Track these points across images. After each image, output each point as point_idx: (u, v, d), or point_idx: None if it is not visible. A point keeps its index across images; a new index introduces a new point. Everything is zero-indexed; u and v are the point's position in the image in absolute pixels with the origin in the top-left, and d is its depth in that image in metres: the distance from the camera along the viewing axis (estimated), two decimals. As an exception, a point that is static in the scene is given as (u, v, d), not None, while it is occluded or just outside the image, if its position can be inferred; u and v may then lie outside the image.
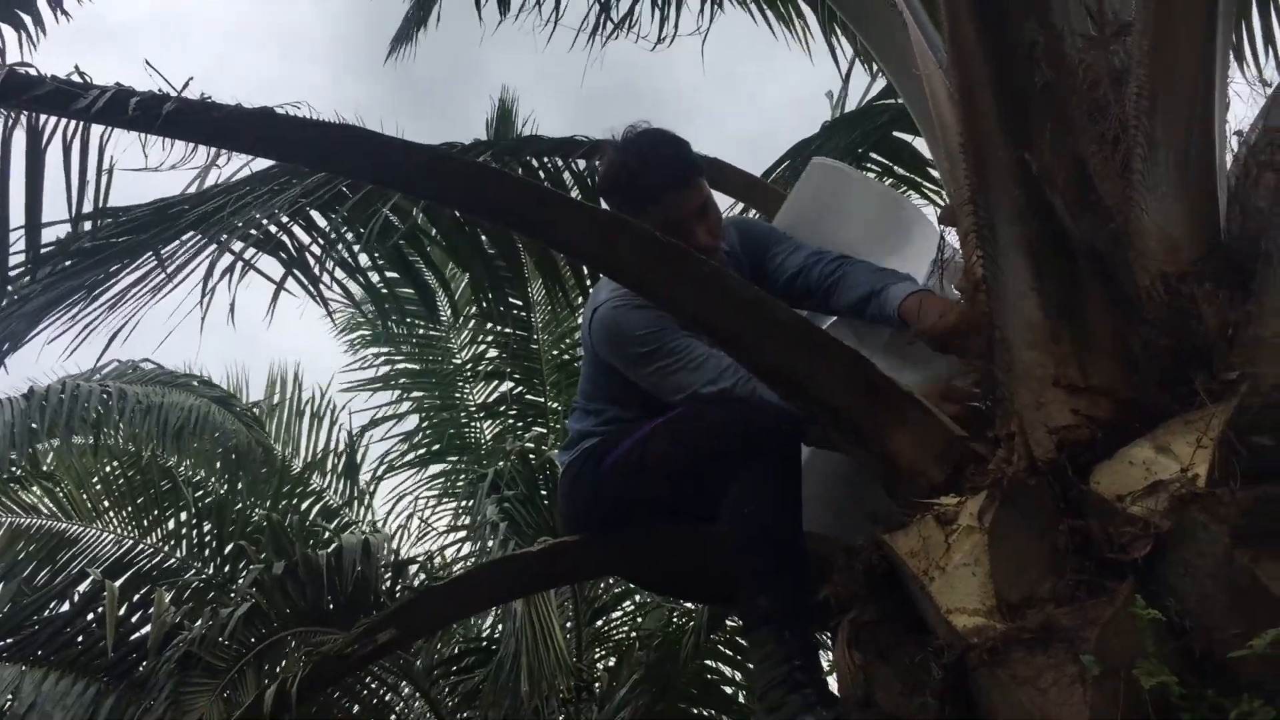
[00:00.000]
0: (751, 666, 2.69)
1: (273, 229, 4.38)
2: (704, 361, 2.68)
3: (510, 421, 8.67)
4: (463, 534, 7.35)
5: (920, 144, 4.90)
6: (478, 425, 8.66)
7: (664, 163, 2.77)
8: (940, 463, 2.30)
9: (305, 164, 2.60)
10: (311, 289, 4.46)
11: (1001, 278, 2.23)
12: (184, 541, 6.73)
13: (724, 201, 3.89)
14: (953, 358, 2.59)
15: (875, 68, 4.76)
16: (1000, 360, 2.25)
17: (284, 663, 4.93)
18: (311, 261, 4.48)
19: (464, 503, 8.24)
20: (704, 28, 4.23)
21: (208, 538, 6.77)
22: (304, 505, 7.87)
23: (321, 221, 4.43)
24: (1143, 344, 2.10)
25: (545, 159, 4.03)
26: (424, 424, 8.55)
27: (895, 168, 5.11)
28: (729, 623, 5.20)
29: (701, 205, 2.78)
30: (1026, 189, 2.14)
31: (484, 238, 4.53)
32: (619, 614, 8.01)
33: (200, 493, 7.17)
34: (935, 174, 5.06)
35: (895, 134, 4.92)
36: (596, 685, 6.95)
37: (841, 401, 2.37)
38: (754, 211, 3.75)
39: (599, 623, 7.62)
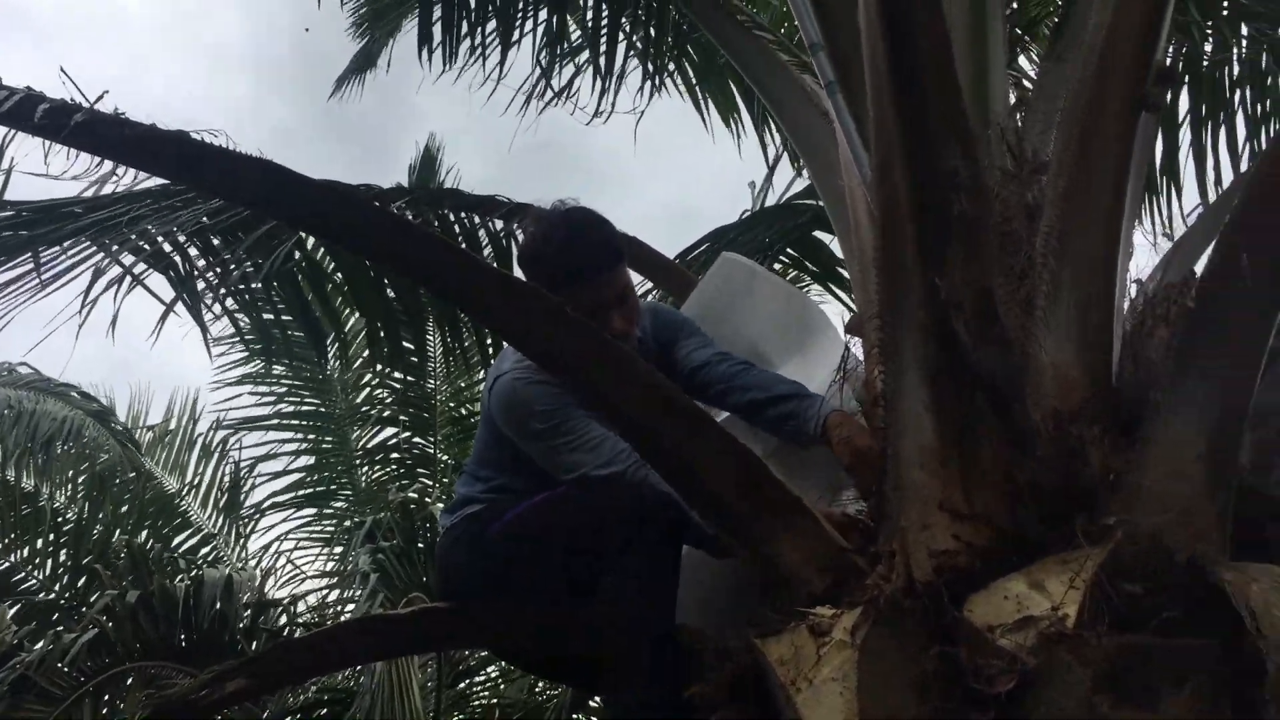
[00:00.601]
0: None
1: (167, 247, 4.28)
2: (599, 444, 2.65)
3: (394, 469, 8.52)
4: (332, 580, 7.14)
5: (837, 246, 5.02)
6: (361, 471, 8.48)
7: (590, 247, 2.75)
8: (823, 573, 2.29)
9: (218, 195, 2.53)
10: (195, 314, 4.36)
11: (900, 396, 2.25)
12: (41, 560, 6.44)
13: (635, 279, 3.91)
14: (839, 473, 2.61)
15: (801, 166, 4.85)
16: (891, 477, 2.27)
17: (125, 698, 4.71)
18: (202, 286, 4.39)
19: (338, 549, 8.04)
20: (641, 108, 4.27)
21: (63, 556, 6.49)
22: (177, 538, 7.60)
23: (219, 244, 4.35)
24: (1029, 479, 2.13)
25: (464, 214, 4.00)
26: (308, 465, 8.34)
27: (809, 264, 5.20)
28: (592, 703, 5.12)
29: (621, 292, 2.76)
30: (933, 312, 2.17)
31: (386, 281, 4.47)
32: (481, 679, 7.86)
33: (60, 507, 6.88)
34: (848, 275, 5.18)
35: (814, 234, 5.02)
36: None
37: (731, 498, 2.36)
38: (658, 293, 3.76)
39: (460, 685, 7.45)
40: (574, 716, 5.14)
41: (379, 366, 8.51)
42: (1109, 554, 1.98)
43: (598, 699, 4.74)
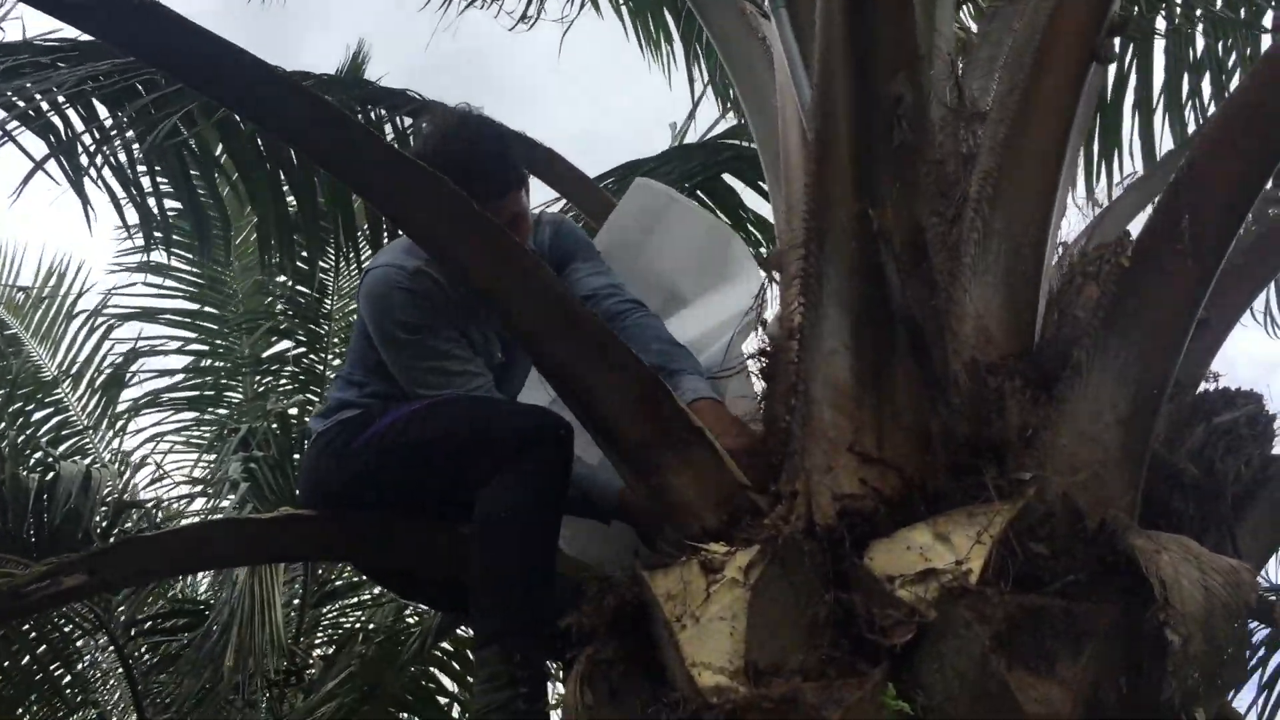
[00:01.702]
0: (474, 684, 2.50)
1: (44, 105, 3.96)
2: (458, 374, 2.50)
3: (284, 383, 8.20)
4: (199, 487, 6.86)
5: (749, 196, 4.88)
6: (249, 380, 8.14)
7: (483, 173, 2.51)
8: (717, 509, 2.18)
9: (89, 30, 2.28)
10: (75, 184, 4.06)
11: (817, 330, 2.13)
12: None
13: (549, 194, 3.74)
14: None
15: (727, 104, 4.70)
16: (799, 414, 2.15)
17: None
18: (81, 153, 4.08)
19: (212, 457, 7.73)
20: (570, 17, 4.06)
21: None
22: (38, 415, 7.18)
23: (104, 114, 4.05)
24: (941, 426, 2.04)
25: (369, 107, 3.77)
26: (194, 367, 7.97)
27: (717, 212, 5.04)
28: (459, 633, 4.98)
29: (512, 218, 2.55)
30: (861, 245, 2.05)
31: (282, 175, 4.21)
32: (349, 602, 7.66)
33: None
34: (751, 228, 5.05)
35: (725, 176, 4.86)
36: (309, 672, 6.59)
37: (627, 424, 2.23)
38: (574, 212, 3.59)
39: (325, 608, 7.25)
40: (437, 643, 5.00)
41: (279, 278, 8.21)
42: (1019, 511, 1.90)
43: (466, 626, 4.61)
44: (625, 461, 2.26)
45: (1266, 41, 3.82)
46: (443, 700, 5.30)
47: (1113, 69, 3.88)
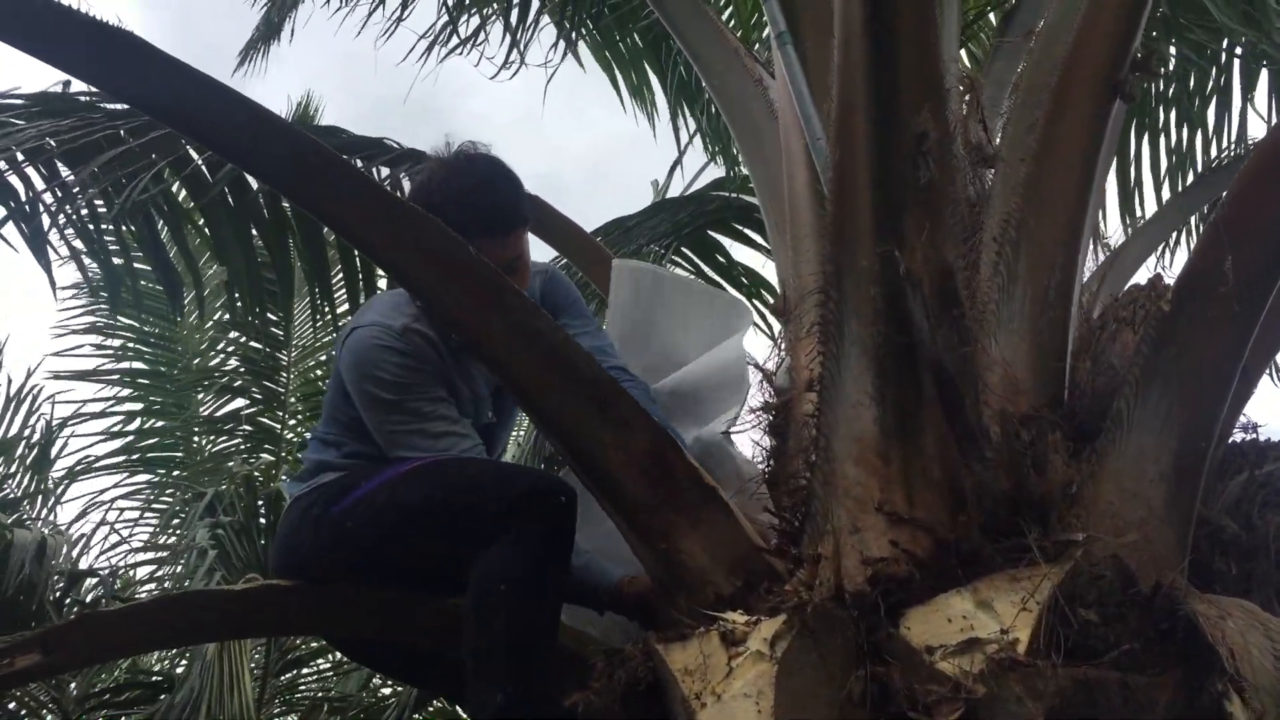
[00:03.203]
0: None
1: (1, 165, 3.79)
2: (443, 434, 2.34)
3: (238, 442, 7.96)
4: (163, 555, 6.59)
5: (736, 249, 4.77)
6: (200, 440, 7.90)
7: (490, 207, 2.39)
8: (732, 574, 2.04)
9: (75, 73, 2.13)
10: (35, 245, 3.88)
11: (839, 381, 1.99)
12: None
13: (538, 246, 3.59)
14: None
15: (714, 153, 4.60)
16: (819, 471, 2.01)
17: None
18: (43, 215, 3.91)
19: (172, 522, 7.45)
20: (554, 62, 3.94)
21: None
22: (-19, 495, 6.90)
23: (65, 173, 3.88)
24: (975, 483, 1.89)
25: (347, 157, 3.61)
26: (142, 429, 7.72)
27: (703, 267, 4.92)
28: (436, 704, 4.75)
29: (513, 260, 2.41)
30: (886, 289, 1.92)
31: (253, 229, 4.06)
32: (310, 670, 7.39)
33: None
34: (743, 279, 4.93)
35: (711, 231, 4.74)
36: (270, 745, 6.32)
37: (634, 484, 2.08)
38: (563, 262, 3.45)
39: (286, 676, 6.98)
40: (415, 717, 4.76)
41: (232, 334, 8.01)
42: (1067, 574, 1.76)
43: (444, 700, 4.39)
44: (632, 525, 2.10)
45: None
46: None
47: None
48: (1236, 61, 3.85)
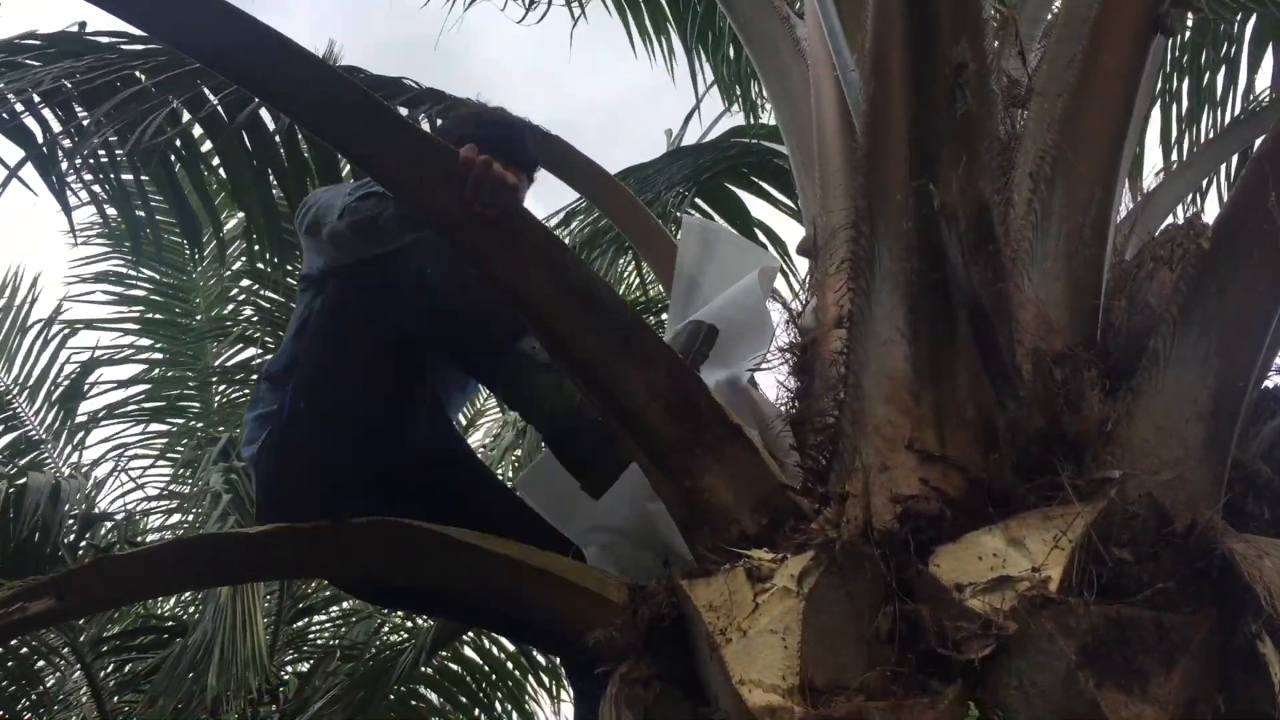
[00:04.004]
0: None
1: (19, 107, 3.75)
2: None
3: (247, 392, 7.95)
4: (175, 499, 6.59)
5: (752, 203, 4.71)
6: (213, 389, 7.89)
7: (519, 152, 2.51)
8: (756, 512, 2.00)
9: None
10: (55, 189, 3.86)
11: (870, 318, 1.96)
12: None
13: (560, 188, 3.55)
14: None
15: (731, 98, 4.53)
16: (848, 410, 1.98)
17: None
18: (61, 157, 3.88)
19: (183, 470, 7.46)
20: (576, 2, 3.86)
21: None
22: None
23: (82, 114, 3.84)
24: (1009, 421, 1.86)
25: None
26: (159, 376, 7.71)
27: (715, 216, 4.87)
28: (447, 652, 4.76)
29: None
30: (920, 224, 1.88)
31: (270, 172, 4.03)
32: (324, 617, 7.42)
33: None
34: (757, 231, 4.88)
35: (727, 185, 4.68)
36: (281, 690, 6.34)
37: (658, 422, 2.04)
38: (584, 202, 3.40)
39: (299, 623, 7.01)
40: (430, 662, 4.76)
41: (244, 282, 7.98)
42: (1101, 513, 1.73)
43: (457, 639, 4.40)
44: (656, 462, 2.07)
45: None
46: (430, 720, 5.06)
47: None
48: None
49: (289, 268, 7.46)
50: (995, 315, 1.87)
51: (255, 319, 7.93)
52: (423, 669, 4.45)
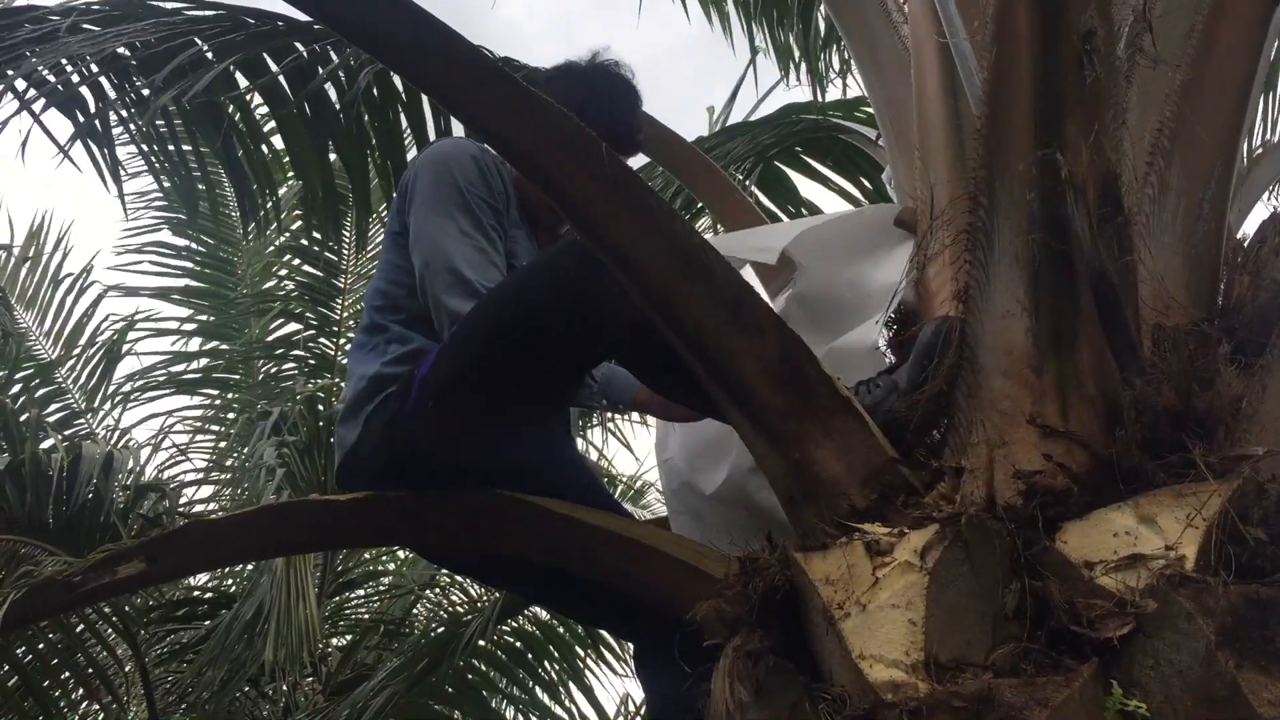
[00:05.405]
0: None
1: (75, 78, 3.73)
2: (483, 251, 2.24)
3: (291, 366, 7.96)
4: (226, 475, 6.61)
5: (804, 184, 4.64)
6: (259, 363, 7.91)
7: (634, 121, 2.45)
8: (866, 486, 1.97)
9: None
10: (109, 160, 3.84)
11: (987, 291, 1.92)
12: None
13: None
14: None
15: (789, 70, 4.47)
16: (963, 384, 1.94)
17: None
18: (115, 124, 3.86)
19: (224, 443, 7.48)
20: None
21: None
22: (40, 393, 6.91)
23: (139, 82, 3.81)
24: (1134, 397, 1.82)
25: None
26: (203, 349, 7.74)
27: (761, 199, 4.78)
28: (507, 625, 4.76)
29: None
30: (1044, 195, 1.84)
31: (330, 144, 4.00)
32: (361, 593, 7.45)
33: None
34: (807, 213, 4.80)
35: (777, 164, 4.60)
36: (323, 665, 6.38)
37: (766, 393, 2.01)
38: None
39: (338, 598, 7.04)
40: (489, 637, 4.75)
41: (285, 257, 8.00)
42: (1236, 491, 1.69)
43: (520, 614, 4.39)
44: (764, 434, 2.04)
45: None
46: (484, 694, 5.06)
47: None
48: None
49: (330, 244, 7.51)
50: (1121, 289, 1.83)
51: (297, 294, 7.95)
52: (481, 643, 4.44)
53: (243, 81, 3.87)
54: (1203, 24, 2.10)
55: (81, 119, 3.76)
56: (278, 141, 4.32)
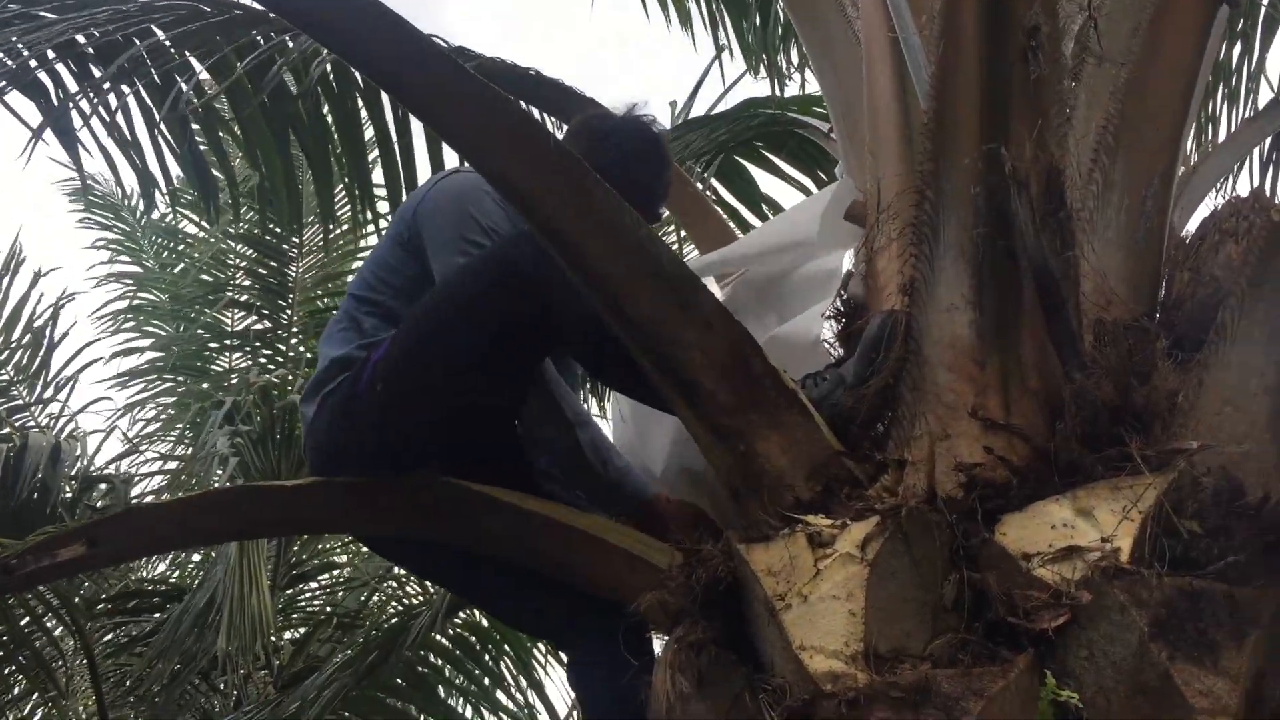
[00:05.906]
0: None
1: (33, 63, 3.67)
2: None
3: (245, 356, 7.90)
4: (174, 464, 6.54)
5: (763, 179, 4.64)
6: (211, 353, 7.83)
7: (643, 189, 2.41)
8: (811, 478, 1.97)
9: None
10: (69, 148, 3.78)
11: (932, 285, 1.93)
12: None
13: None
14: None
15: (755, 67, 4.47)
16: (908, 376, 1.95)
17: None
18: (76, 117, 3.80)
19: (174, 430, 7.40)
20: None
21: None
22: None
23: (98, 73, 3.75)
24: (1075, 391, 1.84)
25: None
26: (152, 339, 7.66)
27: (721, 193, 4.77)
28: (460, 618, 4.74)
29: None
30: (989, 189, 1.85)
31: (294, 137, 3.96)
32: (315, 585, 7.40)
33: None
34: (766, 210, 4.81)
35: (736, 158, 4.60)
36: (275, 657, 6.32)
37: (712, 386, 2.01)
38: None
39: (291, 590, 6.98)
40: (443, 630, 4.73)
41: (238, 246, 7.93)
42: (1171, 484, 1.71)
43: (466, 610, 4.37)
44: (709, 427, 2.04)
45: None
46: (438, 689, 5.04)
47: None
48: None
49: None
50: (1063, 283, 1.85)
51: (249, 285, 7.88)
52: (434, 635, 4.42)
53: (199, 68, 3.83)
54: (1148, 23, 2.12)
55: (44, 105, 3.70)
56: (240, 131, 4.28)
